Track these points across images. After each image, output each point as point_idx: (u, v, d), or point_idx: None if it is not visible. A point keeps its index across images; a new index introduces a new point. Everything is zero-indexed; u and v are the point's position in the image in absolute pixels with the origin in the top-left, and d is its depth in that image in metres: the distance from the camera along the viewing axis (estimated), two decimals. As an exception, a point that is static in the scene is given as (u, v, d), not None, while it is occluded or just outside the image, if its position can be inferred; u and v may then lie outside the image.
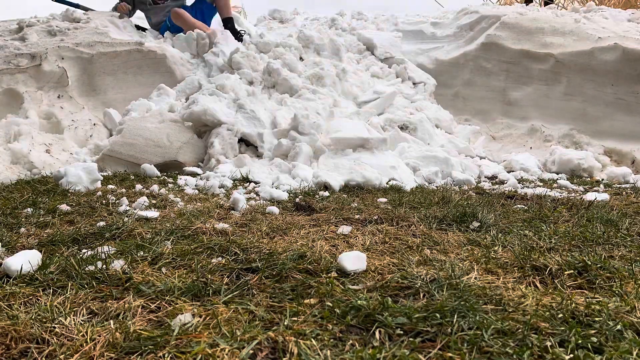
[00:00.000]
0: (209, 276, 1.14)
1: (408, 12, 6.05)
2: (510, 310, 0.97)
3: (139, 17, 5.29)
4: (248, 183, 2.74)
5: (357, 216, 1.86)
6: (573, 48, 4.26)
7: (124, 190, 2.44)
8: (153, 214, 1.83)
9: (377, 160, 2.98)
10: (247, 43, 4.67)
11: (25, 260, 1.16)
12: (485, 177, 3.24)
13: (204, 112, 3.37)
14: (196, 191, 2.48)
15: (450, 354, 0.79)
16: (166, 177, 2.96)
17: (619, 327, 0.88)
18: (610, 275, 1.18)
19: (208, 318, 0.92)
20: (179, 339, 0.83)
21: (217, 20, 5.15)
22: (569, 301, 0.99)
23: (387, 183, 2.74)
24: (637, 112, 4.00)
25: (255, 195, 2.36)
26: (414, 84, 4.71)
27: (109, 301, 1.01)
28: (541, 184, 3.07)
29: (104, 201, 2.09)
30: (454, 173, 3.08)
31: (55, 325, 0.88)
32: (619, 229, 1.70)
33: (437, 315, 0.91)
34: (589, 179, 3.34)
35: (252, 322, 0.92)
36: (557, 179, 3.16)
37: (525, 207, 2.16)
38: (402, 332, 0.87)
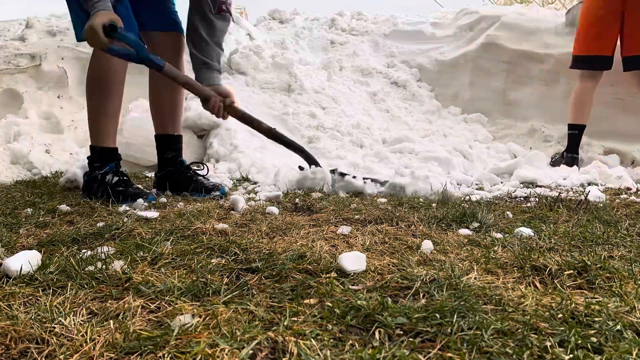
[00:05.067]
0: (209, 276, 1.14)
1: (408, 12, 6.05)
2: (510, 310, 0.97)
3: None
4: (248, 183, 2.75)
5: (356, 216, 1.85)
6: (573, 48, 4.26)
7: (123, 190, 2.43)
8: (153, 214, 1.83)
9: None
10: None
11: (25, 260, 1.16)
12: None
13: (199, 116, 3.39)
14: (196, 191, 2.48)
15: (450, 354, 0.79)
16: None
17: (618, 327, 0.88)
18: (610, 275, 1.18)
19: (208, 318, 0.92)
20: (178, 339, 0.83)
21: None
22: (568, 301, 0.99)
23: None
24: (637, 112, 4.00)
25: (254, 195, 2.36)
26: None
27: (109, 301, 1.01)
28: (541, 184, 3.07)
29: (103, 201, 2.09)
30: (454, 173, 3.08)
31: (55, 326, 0.88)
32: (619, 229, 1.70)
33: (437, 315, 0.91)
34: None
35: (251, 322, 0.92)
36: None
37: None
38: (401, 332, 0.87)
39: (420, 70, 5.06)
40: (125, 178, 2.24)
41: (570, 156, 3.68)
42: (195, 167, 2.46)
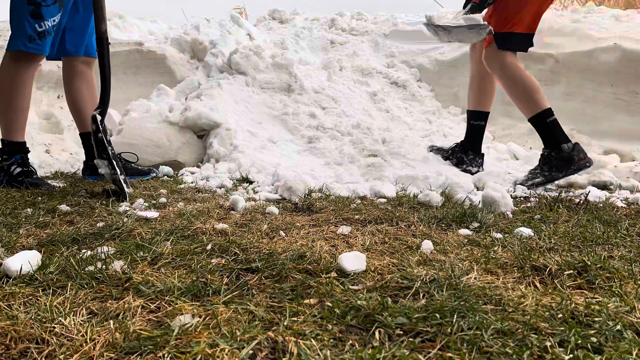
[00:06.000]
0: (209, 276, 1.14)
1: (408, 13, 6.05)
2: (510, 310, 0.97)
3: None
4: (248, 183, 2.74)
5: (356, 216, 1.85)
6: (573, 48, 4.26)
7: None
8: (153, 214, 1.83)
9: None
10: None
11: (25, 260, 1.16)
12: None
13: (199, 116, 3.39)
14: (196, 191, 2.48)
15: (450, 354, 0.79)
16: (166, 177, 2.97)
17: (618, 327, 0.88)
18: (610, 275, 1.18)
19: (208, 318, 0.92)
20: (178, 339, 0.83)
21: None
22: (568, 301, 0.99)
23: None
24: (637, 112, 4.00)
25: (254, 195, 2.36)
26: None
27: (109, 301, 1.01)
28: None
29: (104, 201, 2.09)
30: (450, 174, 3.08)
31: (55, 326, 0.88)
32: (619, 229, 1.70)
33: (437, 315, 0.91)
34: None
35: (251, 322, 0.92)
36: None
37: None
38: (401, 332, 0.87)
39: (420, 70, 5.06)
40: (29, 169, 2.54)
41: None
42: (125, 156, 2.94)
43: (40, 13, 2.38)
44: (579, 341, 0.83)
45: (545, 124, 2.81)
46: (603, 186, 2.82)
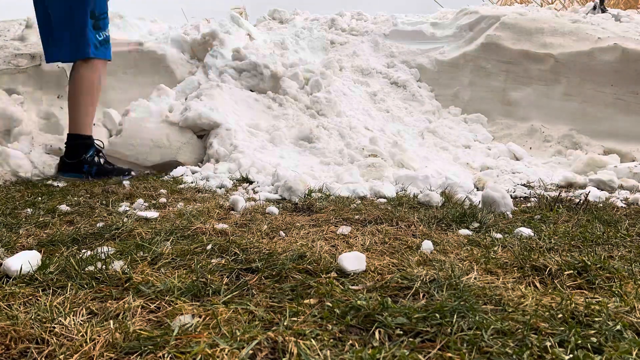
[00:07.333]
0: (209, 276, 1.14)
1: (408, 13, 6.05)
2: (510, 310, 0.97)
3: None
4: (248, 183, 2.74)
5: (356, 216, 1.85)
6: (572, 48, 4.27)
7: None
8: (153, 214, 1.83)
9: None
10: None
11: (25, 260, 1.16)
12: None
13: (199, 116, 3.38)
14: (196, 191, 2.48)
15: (450, 354, 0.79)
16: (166, 177, 2.97)
17: (618, 327, 0.88)
18: (610, 275, 1.18)
19: (208, 318, 0.92)
20: (178, 339, 0.83)
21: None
22: (568, 301, 0.99)
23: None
24: (637, 112, 4.00)
25: (254, 195, 2.36)
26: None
27: (109, 301, 1.01)
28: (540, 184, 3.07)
29: (104, 201, 2.09)
30: (450, 174, 3.08)
31: (55, 326, 0.88)
32: (619, 229, 1.70)
33: (437, 315, 0.91)
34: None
35: (251, 322, 0.92)
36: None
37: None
38: (401, 332, 0.87)
39: (420, 70, 5.06)
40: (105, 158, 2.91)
41: None
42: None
43: (99, 25, 2.79)
44: (579, 341, 0.83)
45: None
46: (603, 186, 2.85)
